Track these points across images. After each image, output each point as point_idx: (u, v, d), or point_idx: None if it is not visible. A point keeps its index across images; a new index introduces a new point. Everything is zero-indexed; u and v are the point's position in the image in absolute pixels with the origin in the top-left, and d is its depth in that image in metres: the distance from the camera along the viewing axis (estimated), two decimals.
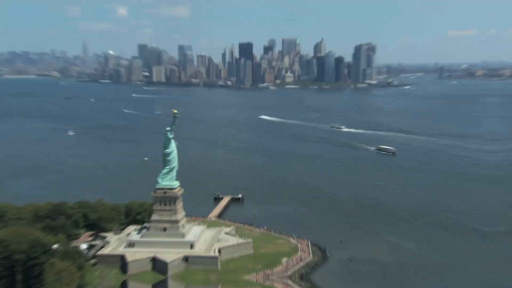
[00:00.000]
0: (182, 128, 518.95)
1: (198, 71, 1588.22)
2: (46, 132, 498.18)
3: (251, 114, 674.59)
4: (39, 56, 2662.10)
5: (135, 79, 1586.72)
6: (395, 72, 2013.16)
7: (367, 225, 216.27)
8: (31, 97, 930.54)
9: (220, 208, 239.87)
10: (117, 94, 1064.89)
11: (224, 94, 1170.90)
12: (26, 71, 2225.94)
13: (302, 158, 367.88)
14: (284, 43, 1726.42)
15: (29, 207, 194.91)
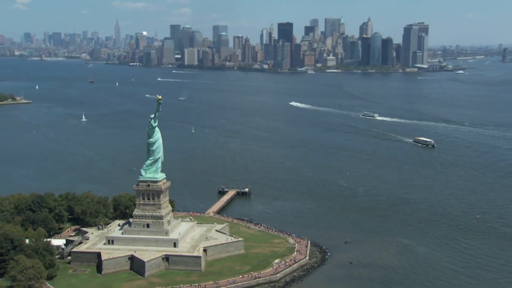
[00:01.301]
0: (204, 116, 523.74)
1: (233, 54, 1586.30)
2: (59, 117, 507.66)
3: (281, 100, 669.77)
4: (71, 37, 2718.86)
5: (166, 62, 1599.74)
6: (452, 55, 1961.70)
7: (380, 225, 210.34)
8: (54, 81, 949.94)
9: (221, 202, 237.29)
10: (144, 77, 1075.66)
11: (258, 78, 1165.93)
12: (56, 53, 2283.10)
13: (325, 150, 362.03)
14: (327, 23, 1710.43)
15: (11, 198, 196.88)
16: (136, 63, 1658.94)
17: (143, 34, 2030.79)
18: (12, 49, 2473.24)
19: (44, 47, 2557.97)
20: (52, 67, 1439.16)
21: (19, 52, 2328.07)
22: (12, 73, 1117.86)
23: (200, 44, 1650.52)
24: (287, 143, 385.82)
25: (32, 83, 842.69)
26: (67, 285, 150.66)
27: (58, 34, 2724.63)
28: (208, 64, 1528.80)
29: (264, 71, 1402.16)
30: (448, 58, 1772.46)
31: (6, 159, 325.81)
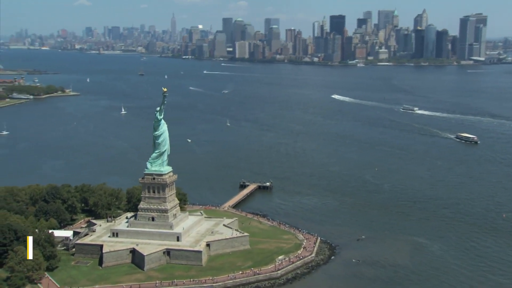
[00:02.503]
0: (244, 109, 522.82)
1: (284, 47, 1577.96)
2: (101, 110, 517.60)
3: (324, 93, 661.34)
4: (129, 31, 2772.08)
5: (218, 55, 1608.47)
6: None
7: (398, 223, 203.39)
8: (106, 74, 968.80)
9: (240, 196, 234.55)
10: (193, 71, 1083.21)
11: (307, 71, 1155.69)
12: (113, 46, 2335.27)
13: (359, 144, 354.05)
14: (380, 15, 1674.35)
15: (28, 189, 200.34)
16: (188, 56, 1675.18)
17: (198, 28, 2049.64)
18: (73, 43, 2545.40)
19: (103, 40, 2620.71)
20: (107, 60, 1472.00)
21: (79, 46, 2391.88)
22: (68, 66, 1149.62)
23: (252, 37, 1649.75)
24: (320, 137, 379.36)
25: (85, 76, 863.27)
26: (67, 276, 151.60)
27: (117, 28, 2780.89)
28: (259, 57, 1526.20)
29: (314, 64, 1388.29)
30: (509, 50, 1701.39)
31: (42, 150, 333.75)
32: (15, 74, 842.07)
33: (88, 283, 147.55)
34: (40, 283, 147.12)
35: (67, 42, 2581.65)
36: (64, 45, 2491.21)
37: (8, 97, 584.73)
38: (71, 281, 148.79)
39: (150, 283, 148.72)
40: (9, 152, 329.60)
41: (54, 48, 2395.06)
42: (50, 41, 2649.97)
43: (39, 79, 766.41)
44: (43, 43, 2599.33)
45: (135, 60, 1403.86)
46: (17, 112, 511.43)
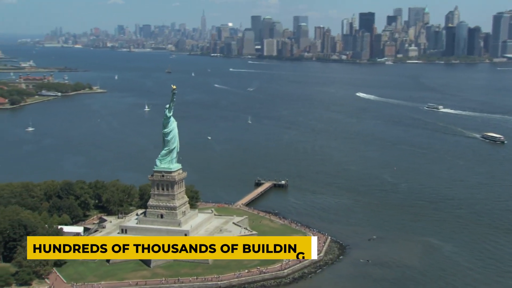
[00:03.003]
0: (267, 106, 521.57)
1: (312, 44, 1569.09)
2: (126, 107, 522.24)
3: (349, 91, 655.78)
4: (160, 29, 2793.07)
5: (246, 52, 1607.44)
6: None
7: (413, 223, 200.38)
8: (134, 71, 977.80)
9: (254, 194, 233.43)
10: (220, 68, 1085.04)
11: (334, 69, 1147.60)
12: (144, 44, 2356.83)
13: (380, 143, 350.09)
14: (410, 13, 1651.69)
15: (43, 185, 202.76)
16: (217, 54, 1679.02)
17: (228, 26, 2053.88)
18: (105, 41, 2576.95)
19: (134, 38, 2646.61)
20: (137, 58, 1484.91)
21: (110, 44, 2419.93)
22: (98, 64, 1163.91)
23: (280, 35, 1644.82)
24: (341, 135, 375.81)
25: (113, 74, 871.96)
26: (74, 272, 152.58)
27: (148, 26, 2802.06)
28: (287, 55, 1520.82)
29: (342, 62, 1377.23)
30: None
31: (65, 146, 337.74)
32: (46, 71, 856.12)
33: (95, 279, 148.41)
34: (48, 278, 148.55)
35: (99, 40, 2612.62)
36: (96, 43, 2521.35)
37: (37, 94, 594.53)
38: (78, 277, 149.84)
39: (155, 280, 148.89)
40: (33, 148, 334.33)
41: (86, 46, 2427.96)
42: (83, 39, 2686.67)
43: (69, 76, 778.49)
44: (76, 41, 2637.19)
45: (164, 58, 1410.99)
46: (45, 109, 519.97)
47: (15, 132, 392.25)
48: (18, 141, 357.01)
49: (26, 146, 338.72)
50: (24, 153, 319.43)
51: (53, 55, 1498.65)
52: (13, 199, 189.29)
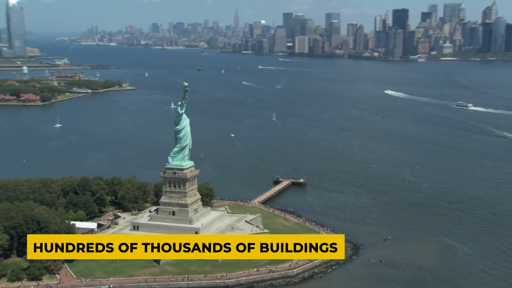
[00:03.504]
0: (294, 104, 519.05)
1: (344, 42, 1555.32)
2: (153, 104, 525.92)
3: (378, 89, 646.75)
4: (193, 27, 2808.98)
5: (277, 50, 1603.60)
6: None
7: (430, 223, 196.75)
8: (165, 69, 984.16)
9: (271, 192, 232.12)
10: (250, 65, 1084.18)
11: (365, 66, 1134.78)
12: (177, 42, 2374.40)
13: (405, 141, 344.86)
14: (446, 9, 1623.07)
15: (61, 181, 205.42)
16: (248, 51, 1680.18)
17: (261, 23, 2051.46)
18: (139, 39, 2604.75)
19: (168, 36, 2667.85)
20: (169, 56, 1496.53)
21: (144, 42, 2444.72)
22: (130, 61, 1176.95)
23: (312, 32, 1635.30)
24: (365, 134, 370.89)
25: (145, 71, 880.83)
26: (84, 268, 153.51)
27: (182, 24, 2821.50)
28: (318, 52, 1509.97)
29: (374, 59, 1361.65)
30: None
31: (89, 142, 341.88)
32: (79, 69, 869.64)
33: (104, 276, 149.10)
34: (58, 273, 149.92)
35: (133, 38, 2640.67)
36: (131, 41, 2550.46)
37: (68, 91, 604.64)
38: (88, 273, 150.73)
39: (164, 278, 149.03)
40: (59, 144, 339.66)
41: (121, 44, 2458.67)
42: (118, 37, 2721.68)
43: (101, 73, 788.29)
44: (111, 39, 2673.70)
45: (196, 55, 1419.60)
46: (74, 106, 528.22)
47: (44, 128, 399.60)
48: (46, 137, 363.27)
49: (53, 142, 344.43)
50: (50, 149, 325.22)
51: (88, 53, 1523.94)
52: (31, 195, 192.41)
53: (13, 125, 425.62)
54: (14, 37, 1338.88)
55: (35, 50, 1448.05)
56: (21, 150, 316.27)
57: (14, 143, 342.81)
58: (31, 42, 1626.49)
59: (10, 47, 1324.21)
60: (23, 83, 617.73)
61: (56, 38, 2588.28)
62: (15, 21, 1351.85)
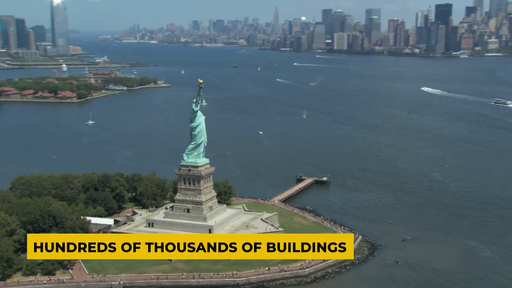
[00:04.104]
0: (326, 101, 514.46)
1: (384, 38, 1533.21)
2: (186, 101, 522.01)
3: (414, 86, 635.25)
4: (233, 24, 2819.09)
5: (316, 47, 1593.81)
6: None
7: (453, 224, 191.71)
8: (202, 66, 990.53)
9: (292, 190, 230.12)
10: (287, 63, 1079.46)
11: (405, 63, 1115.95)
12: (216, 39, 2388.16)
13: (437, 140, 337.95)
14: (492, 3, 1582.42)
15: (82, 177, 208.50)
16: (286, 48, 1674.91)
17: (301, 20, 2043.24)
18: (179, 37, 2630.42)
19: (207, 33, 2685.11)
20: (208, 53, 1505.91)
21: (184, 39, 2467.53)
22: (169, 59, 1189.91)
23: (352, 28, 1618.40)
24: (397, 132, 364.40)
25: (181, 68, 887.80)
26: (97, 264, 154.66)
27: (222, 21, 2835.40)
28: (357, 48, 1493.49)
29: (415, 56, 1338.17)
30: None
31: (119, 139, 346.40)
32: (118, 66, 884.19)
33: (115, 272, 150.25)
34: (72, 268, 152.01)
35: (173, 35, 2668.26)
36: (171, 38, 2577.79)
37: (104, 88, 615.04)
38: (100, 268, 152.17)
39: (174, 275, 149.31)
40: (89, 141, 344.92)
41: (161, 42, 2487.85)
42: (158, 35, 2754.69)
43: (139, 71, 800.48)
44: (152, 37, 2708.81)
45: (234, 53, 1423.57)
46: (109, 103, 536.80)
47: (77, 125, 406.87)
48: (78, 133, 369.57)
49: (84, 139, 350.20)
50: (80, 146, 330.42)
51: (128, 50, 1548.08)
52: (53, 190, 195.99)
53: (49, 121, 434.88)
54: (58, 36, 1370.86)
55: (77, 48, 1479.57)
56: (53, 146, 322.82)
57: (47, 139, 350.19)
58: (75, 40, 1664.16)
59: (53, 46, 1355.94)
60: (61, 80, 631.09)
61: (100, 37, 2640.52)
62: (58, 20, 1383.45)
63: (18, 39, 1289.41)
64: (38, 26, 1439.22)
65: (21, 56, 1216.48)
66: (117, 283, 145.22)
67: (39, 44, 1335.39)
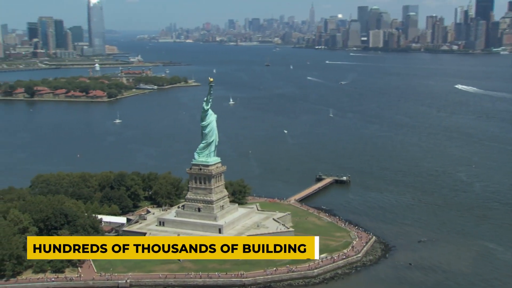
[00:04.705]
0: (355, 99, 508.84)
1: (421, 35, 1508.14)
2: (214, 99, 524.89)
3: (448, 83, 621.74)
4: (269, 22, 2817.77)
5: (352, 44, 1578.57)
6: None
7: (474, 226, 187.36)
8: (234, 65, 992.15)
9: (310, 190, 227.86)
10: (320, 61, 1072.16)
11: (442, 60, 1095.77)
12: (251, 38, 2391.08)
13: (466, 139, 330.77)
14: None
15: (99, 175, 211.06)
16: (321, 46, 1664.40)
17: (338, 17, 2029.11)
18: (215, 35, 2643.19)
19: (243, 32, 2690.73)
20: (242, 51, 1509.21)
21: (219, 38, 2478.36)
22: (202, 58, 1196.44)
23: (388, 26, 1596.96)
24: (425, 130, 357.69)
25: (213, 67, 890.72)
26: (106, 262, 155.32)
27: (257, 20, 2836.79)
28: (394, 46, 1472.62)
29: (453, 53, 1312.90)
30: None
31: (144, 138, 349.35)
32: (151, 65, 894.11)
33: (123, 270, 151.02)
34: (81, 266, 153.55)
35: (209, 34, 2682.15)
36: (206, 37, 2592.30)
37: (135, 88, 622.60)
38: (109, 267, 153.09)
39: (181, 274, 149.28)
40: (114, 140, 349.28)
41: (197, 41, 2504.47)
42: (194, 34, 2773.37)
43: (172, 70, 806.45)
44: (188, 36, 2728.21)
45: (268, 51, 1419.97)
46: (138, 102, 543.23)
47: (104, 123, 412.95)
48: (104, 132, 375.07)
49: (109, 137, 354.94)
50: (105, 144, 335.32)
51: (163, 50, 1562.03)
52: (70, 189, 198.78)
53: (78, 120, 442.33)
54: (94, 36, 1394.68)
55: (113, 48, 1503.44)
56: (79, 145, 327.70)
57: (74, 138, 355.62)
58: (113, 40, 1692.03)
59: (90, 46, 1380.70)
60: (93, 80, 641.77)
61: (137, 36, 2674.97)
62: (95, 20, 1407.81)
63: (57, 39, 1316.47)
64: (76, 26, 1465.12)
65: (59, 56, 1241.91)
66: (124, 282, 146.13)
67: (77, 44, 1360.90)
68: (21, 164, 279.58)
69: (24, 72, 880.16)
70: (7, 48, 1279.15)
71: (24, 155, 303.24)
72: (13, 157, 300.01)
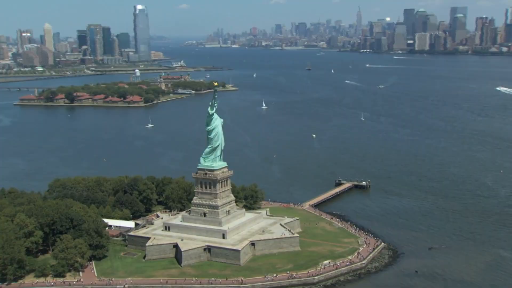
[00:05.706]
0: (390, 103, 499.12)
1: (469, 37, 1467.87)
2: (248, 104, 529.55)
3: (489, 86, 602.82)
4: (315, 27, 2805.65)
5: (397, 47, 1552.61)
6: None
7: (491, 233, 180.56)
8: (275, 69, 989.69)
9: (327, 195, 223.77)
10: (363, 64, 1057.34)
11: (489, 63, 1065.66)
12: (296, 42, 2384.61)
13: (500, 144, 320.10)
14: None
15: (113, 180, 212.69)
16: (366, 50, 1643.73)
17: (386, 20, 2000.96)
18: (261, 40, 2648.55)
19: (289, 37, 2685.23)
20: (286, 56, 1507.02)
21: (265, 43, 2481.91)
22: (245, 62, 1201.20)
23: (435, 28, 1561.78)
24: (457, 135, 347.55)
25: (254, 71, 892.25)
26: (108, 267, 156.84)
27: (304, 24, 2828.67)
28: (440, 48, 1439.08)
29: (502, 55, 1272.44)
30: None
31: (171, 142, 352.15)
32: (193, 70, 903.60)
33: (124, 275, 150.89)
34: (83, 271, 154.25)
35: (255, 39, 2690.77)
36: (252, 42, 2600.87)
37: (173, 93, 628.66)
38: (110, 272, 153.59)
39: (180, 279, 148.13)
40: (143, 144, 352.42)
41: (243, 46, 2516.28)
42: (241, 39, 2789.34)
43: (213, 75, 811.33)
44: (234, 41, 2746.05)
45: (311, 55, 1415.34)
46: (174, 106, 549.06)
47: (136, 128, 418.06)
48: (135, 136, 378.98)
49: (138, 142, 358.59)
50: (132, 148, 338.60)
51: (209, 55, 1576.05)
52: (85, 193, 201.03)
53: (112, 125, 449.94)
54: (140, 42, 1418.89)
55: (159, 54, 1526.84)
56: (107, 149, 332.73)
57: (104, 142, 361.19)
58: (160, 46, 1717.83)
59: (136, 52, 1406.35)
60: (132, 85, 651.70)
61: (185, 42, 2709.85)
62: (141, 26, 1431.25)
63: (104, 46, 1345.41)
64: (123, 33, 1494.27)
65: (106, 63, 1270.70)
66: (122, 287, 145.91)
67: (123, 50, 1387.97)
68: (49, 168, 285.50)
69: (69, 78, 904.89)
70: (58, 55, 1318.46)
71: (54, 160, 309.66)
72: (43, 161, 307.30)
